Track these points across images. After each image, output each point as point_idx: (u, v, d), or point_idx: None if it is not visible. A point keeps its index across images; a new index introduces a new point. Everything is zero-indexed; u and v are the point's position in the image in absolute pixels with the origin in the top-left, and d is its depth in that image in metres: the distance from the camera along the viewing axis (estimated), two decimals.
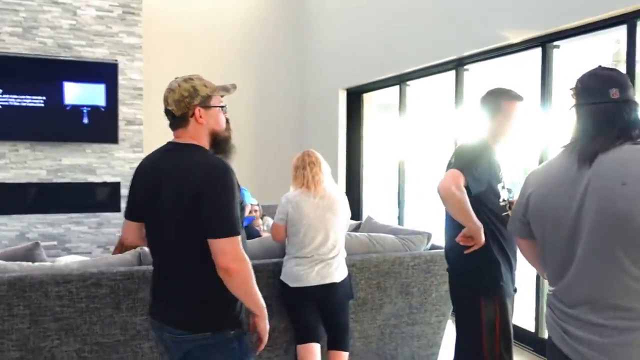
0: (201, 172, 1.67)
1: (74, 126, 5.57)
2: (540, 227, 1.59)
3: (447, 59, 4.31)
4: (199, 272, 1.71)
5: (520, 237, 1.74)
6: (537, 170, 1.67)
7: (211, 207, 1.65)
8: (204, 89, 1.79)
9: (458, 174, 2.06)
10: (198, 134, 1.79)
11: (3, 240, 5.51)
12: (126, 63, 5.88)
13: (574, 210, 1.47)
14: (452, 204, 2.06)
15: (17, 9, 5.49)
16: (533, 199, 1.60)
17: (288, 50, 7.03)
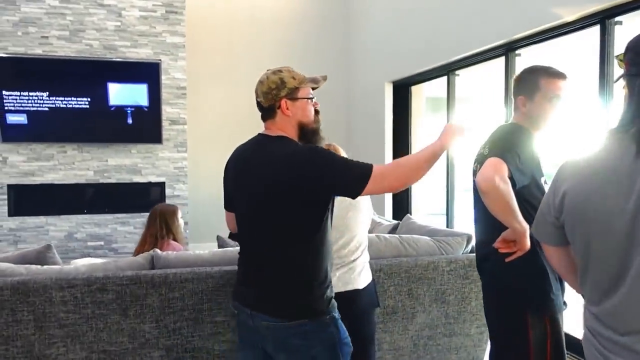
0: (297, 162, 1.70)
1: (118, 127, 5.60)
2: (582, 234, 1.28)
3: (495, 44, 3.94)
4: (291, 259, 1.76)
5: (550, 244, 1.43)
6: (574, 161, 1.34)
7: (329, 180, 1.69)
8: (291, 80, 1.80)
9: (501, 163, 1.68)
10: (285, 126, 1.82)
11: (52, 241, 5.61)
12: (170, 62, 5.85)
13: (630, 213, 1.16)
14: (496, 198, 1.65)
15: (64, 13, 5.57)
16: (570, 198, 1.29)
17: (333, 44, 6.80)
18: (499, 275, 1.95)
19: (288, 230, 1.78)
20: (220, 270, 2.48)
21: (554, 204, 1.35)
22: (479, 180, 1.65)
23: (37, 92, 5.33)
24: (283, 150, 1.76)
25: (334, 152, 1.77)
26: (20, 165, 5.52)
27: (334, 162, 1.71)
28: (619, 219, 1.19)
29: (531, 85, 1.96)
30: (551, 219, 1.38)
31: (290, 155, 1.74)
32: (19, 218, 5.55)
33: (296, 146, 1.78)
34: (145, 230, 3.37)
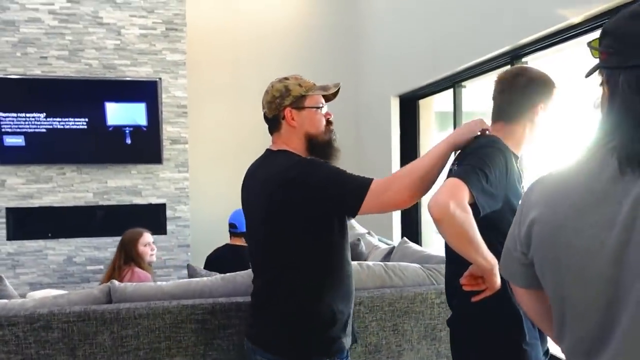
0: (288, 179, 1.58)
1: (117, 147, 5.45)
2: (553, 277, 1.00)
3: (500, 51, 3.64)
4: (288, 290, 1.63)
5: (519, 284, 1.14)
6: (544, 181, 1.06)
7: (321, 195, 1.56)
8: (297, 88, 1.69)
9: (460, 185, 1.37)
10: (291, 138, 1.70)
11: (51, 265, 5.48)
12: (170, 81, 5.70)
13: (612, 250, 0.88)
14: (452, 228, 1.35)
15: (64, 32, 5.49)
16: (539, 230, 1.01)
17: (340, 57, 6.57)
18: (467, 318, 1.64)
19: (284, 256, 1.65)
20: (179, 305, 2.25)
21: (520, 236, 1.07)
22: (431, 205, 1.35)
23: (34, 113, 5.23)
24: (278, 166, 1.64)
25: (331, 165, 1.64)
26: (18, 187, 5.42)
27: (328, 176, 1.58)
28: (599, 259, 0.90)
29: (544, 91, 1.65)
30: (517, 255, 1.09)
31: (283, 172, 1.61)
32: (17, 242, 5.43)
33: (291, 161, 1.64)
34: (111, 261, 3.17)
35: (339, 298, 1.66)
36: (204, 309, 2.25)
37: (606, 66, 0.97)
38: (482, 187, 1.41)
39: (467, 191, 1.36)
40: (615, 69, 0.95)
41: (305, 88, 1.70)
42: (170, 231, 5.72)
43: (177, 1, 5.73)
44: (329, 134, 1.75)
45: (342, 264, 1.69)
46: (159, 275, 5.51)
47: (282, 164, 1.63)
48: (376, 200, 1.52)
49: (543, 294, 1.10)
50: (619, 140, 0.93)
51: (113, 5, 5.58)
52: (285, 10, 6.49)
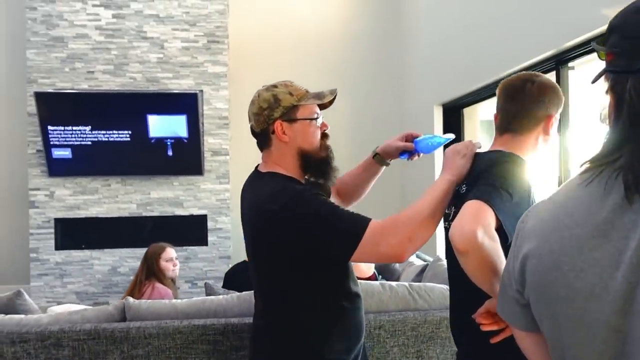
0: (266, 212, 1.41)
1: (159, 159, 5.51)
2: (550, 320, 0.85)
3: (545, 55, 3.41)
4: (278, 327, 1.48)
5: (517, 326, 0.98)
6: (540, 208, 0.91)
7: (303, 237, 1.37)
8: (287, 97, 1.49)
9: (484, 208, 1.19)
10: (282, 156, 1.51)
11: (97, 275, 5.58)
12: (211, 93, 5.73)
13: (619, 292, 0.73)
14: (477, 261, 1.16)
15: (109, 47, 5.62)
16: (533, 265, 0.86)
17: (385, 66, 6.43)
18: (476, 357, 1.44)
19: (272, 291, 1.51)
20: (190, 325, 2.17)
21: (514, 272, 0.92)
22: (454, 234, 1.17)
23: (80, 126, 5.36)
24: (263, 193, 1.46)
25: (323, 200, 1.41)
26: (66, 199, 5.57)
27: (316, 213, 1.36)
28: (602, 304, 0.75)
29: (557, 99, 1.47)
30: (512, 293, 0.94)
31: (266, 201, 1.43)
32: (65, 252, 5.57)
33: (276, 187, 1.44)
34: None
35: (336, 337, 1.47)
36: (216, 330, 2.17)
37: (612, 69, 0.81)
38: (507, 208, 1.22)
39: (493, 215, 1.19)
40: (622, 72, 0.79)
41: (297, 97, 1.50)
42: (211, 242, 5.73)
43: (219, 14, 5.76)
44: (325, 150, 1.54)
45: (339, 300, 1.50)
46: (199, 287, 5.52)
47: (266, 191, 1.45)
48: (371, 249, 1.32)
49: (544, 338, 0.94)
50: (625, 159, 0.77)
51: (157, 19, 5.67)
52: (327, 20, 6.41)
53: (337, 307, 1.49)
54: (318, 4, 6.38)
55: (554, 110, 1.45)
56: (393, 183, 6.14)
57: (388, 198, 5.76)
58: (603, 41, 0.83)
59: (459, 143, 1.52)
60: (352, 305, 1.53)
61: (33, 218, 5.49)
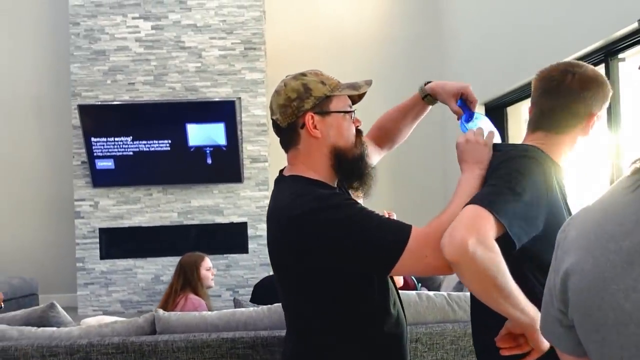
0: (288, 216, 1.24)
1: (199, 167, 5.54)
2: (599, 348, 0.73)
3: (592, 47, 3.22)
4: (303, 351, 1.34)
5: (562, 350, 0.85)
6: (583, 215, 0.79)
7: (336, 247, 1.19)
8: (319, 87, 1.29)
9: (482, 214, 1.06)
10: (312, 155, 1.30)
11: (140, 283, 5.65)
12: (249, 100, 5.72)
13: None
14: (471, 274, 1.04)
15: (149, 58, 5.70)
16: (576, 282, 0.74)
17: (425, 68, 6.25)
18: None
19: (296, 315, 1.36)
20: (219, 338, 2.10)
21: (555, 289, 0.80)
22: (444, 243, 1.06)
23: (122, 137, 5.45)
24: (285, 198, 1.29)
25: (356, 205, 1.23)
26: (110, 209, 5.67)
27: (349, 219, 1.19)
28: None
29: (603, 95, 1.27)
30: (555, 312, 0.81)
31: (288, 207, 1.25)
32: (110, 261, 5.66)
33: (293, 193, 1.26)
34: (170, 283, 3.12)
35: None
36: (245, 343, 2.09)
37: None
38: (514, 211, 1.08)
39: (493, 221, 1.05)
40: None
41: (330, 87, 1.30)
42: (251, 250, 5.70)
43: (255, 21, 5.76)
44: (360, 147, 1.34)
45: (374, 330, 1.31)
46: (240, 295, 5.49)
47: (286, 196, 1.27)
48: (417, 261, 1.15)
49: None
50: None
51: (194, 29, 5.71)
52: (363, 22, 6.31)
53: (374, 340, 1.31)
54: (353, 7, 6.29)
55: (597, 108, 1.25)
56: (433, 180, 5.97)
57: (428, 197, 5.60)
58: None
59: (470, 131, 1.36)
60: (399, 334, 1.35)
61: (79, 228, 5.61)
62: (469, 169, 1.27)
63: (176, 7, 5.68)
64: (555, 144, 1.27)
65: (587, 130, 1.27)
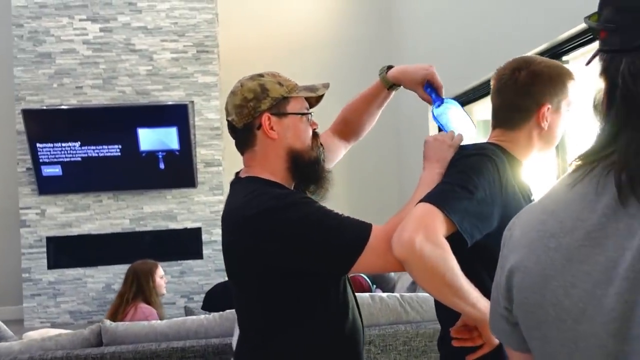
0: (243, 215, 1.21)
1: (151, 172, 5.42)
2: (540, 344, 0.73)
3: (538, 49, 3.30)
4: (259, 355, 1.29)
5: (509, 346, 0.85)
6: (527, 213, 0.80)
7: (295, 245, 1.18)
8: (276, 88, 1.29)
9: (432, 212, 1.06)
10: (268, 156, 1.29)
11: (90, 293, 5.47)
12: (202, 103, 5.64)
13: (614, 311, 0.62)
14: (420, 271, 1.05)
15: (97, 61, 5.54)
16: (520, 280, 0.74)
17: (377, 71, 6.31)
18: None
19: (251, 319, 1.32)
20: (168, 348, 2.05)
21: (501, 287, 0.80)
22: (393, 240, 1.06)
23: (70, 142, 5.27)
24: (239, 199, 1.26)
25: (314, 203, 1.23)
26: (57, 217, 5.47)
27: (307, 217, 1.18)
28: (595, 327, 0.63)
29: (560, 86, 1.27)
30: (501, 310, 0.81)
31: (242, 207, 1.23)
32: (58, 270, 5.47)
33: (248, 194, 1.24)
34: (118, 292, 3.03)
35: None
36: (196, 352, 2.05)
37: (605, 49, 0.70)
38: (466, 208, 1.09)
39: (442, 218, 1.06)
40: (616, 52, 0.68)
41: (287, 88, 1.30)
42: (206, 255, 5.61)
43: (207, 23, 5.68)
44: (317, 150, 1.34)
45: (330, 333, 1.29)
46: (195, 302, 5.39)
47: (241, 197, 1.25)
48: (377, 259, 1.14)
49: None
50: (619, 153, 0.65)
51: (145, 31, 5.59)
52: (318, 23, 6.32)
53: (332, 340, 1.29)
54: (307, 9, 6.29)
55: (547, 100, 1.26)
56: (389, 180, 6.02)
57: (385, 196, 5.64)
58: (595, 18, 0.72)
59: (441, 132, 1.37)
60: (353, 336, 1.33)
61: (24, 237, 5.39)
62: (430, 166, 1.28)
63: (125, 9, 5.54)
64: (511, 140, 1.29)
65: (540, 124, 1.27)
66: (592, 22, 0.73)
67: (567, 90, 1.28)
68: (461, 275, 1.06)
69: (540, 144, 1.30)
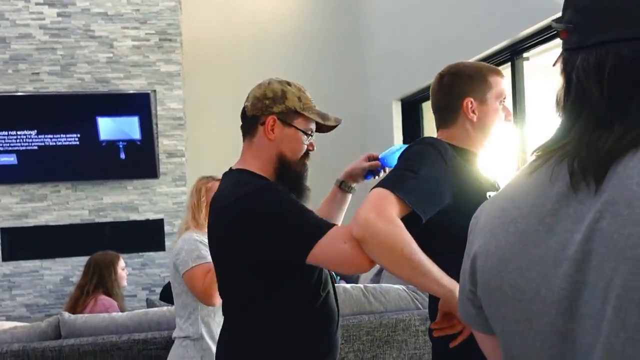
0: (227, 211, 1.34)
1: (111, 163, 5.30)
2: (500, 325, 0.77)
3: (499, 46, 3.37)
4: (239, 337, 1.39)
5: (475, 328, 0.89)
6: (490, 203, 0.84)
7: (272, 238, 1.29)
8: (294, 101, 1.41)
9: (383, 193, 1.14)
10: (261, 151, 1.42)
11: (48, 286, 5.33)
12: (165, 93, 5.53)
13: (563, 292, 0.66)
14: (377, 248, 1.12)
15: (55, 47, 5.37)
16: (482, 264, 0.78)
17: (342, 64, 6.33)
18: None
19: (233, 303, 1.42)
20: (130, 340, 2.02)
21: (466, 271, 0.84)
22: (352, 223, 1.14)
23: (25, 130, 5.10)
24: (223, 191, 1.40)
25: (288, 197, 1.34)
26: (13, 207, 5.30)
27: (273, 208, 1.29)
28: (547, 306, 0.68)
29: (479, 81, 1.40)
30: (467, 294, 0.85)
31: (221, 198, 1.38)
32: (13, 263, 5.30)
33: (234, 183, 1.36)
34: (78, 284, 2.96)
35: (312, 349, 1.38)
36: (158, 344, 2.02)
37: (567, 47, 0.74)
38: (413, 186, 1.17)
39: (394, 199, 1.13)
40: (574, 50, 0.72)
41: (304, 105, 1.42)
42: (168, 247, 5.52)
43: (170, 11, 5.57)
44: (302, 167, 1.47)
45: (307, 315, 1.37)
46: (156, 294, 5.32)
47: (227, 186, 1.39)
48: (331, 255, 1.22)
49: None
50: (572, 144, 0.70)
51: (105, 17, 5.45)
52: (285, 16, 6.28)
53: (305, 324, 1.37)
54: (273, 1, 6.24)
55: (468, 94, 1.38)
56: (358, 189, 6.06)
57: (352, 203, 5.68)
58: (561, 17, 0.76)
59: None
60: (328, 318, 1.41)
61: None
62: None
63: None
64: (452, 136, 1.40)
65: (468, 117, 1.38)
66: (557, 24, 0.77)
67: (489, 83, 1.39)
68: (419, 251, 1.12)
69: (478, 134, 1.40)
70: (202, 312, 1.91)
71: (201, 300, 1.87)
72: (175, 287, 1.98)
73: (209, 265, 1.84)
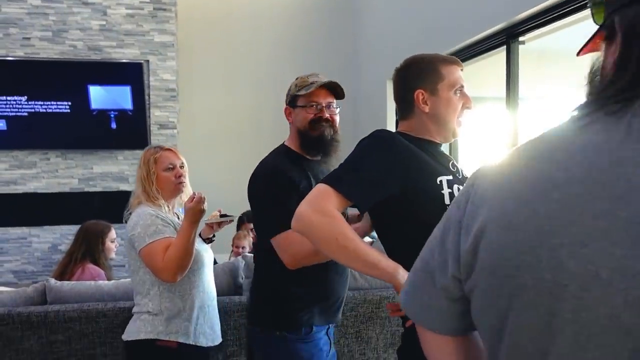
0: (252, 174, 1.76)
1: (102, 132, 5.26)
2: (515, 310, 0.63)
3: (495, 28, 3.36)
4: (260, 269, 1.80)
5: (438, 330, 0.76)
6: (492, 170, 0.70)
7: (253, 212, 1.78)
8: (293, 89, 1.79)
9: (323, 189, 1.22)
10: (291, 131, 1.81)
11: (36, 253, 5.33)
12: (158, 63, 5.47)
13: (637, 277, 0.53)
14: (315, 239, 1.19)
15: (47, 12, 5.28)
16: (497, 238, 0.64)
17: (338, 40, 6.28)
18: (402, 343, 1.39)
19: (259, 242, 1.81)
20: (115, 308, 2.03)
21: (454, 251, 0.70)
22: (292, 220, 1.23)
23: (15, 96, 5.04)
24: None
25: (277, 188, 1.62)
26: (1, 173, 5.26)
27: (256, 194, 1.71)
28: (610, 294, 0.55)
29: (430, 72, 1.40)
30: (442, 283, 0.72)
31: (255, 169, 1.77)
32: (1, 229, 5.28)
33: (261, 163, 1.76)
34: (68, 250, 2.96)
35: (291, 281, 1.67)
36: None
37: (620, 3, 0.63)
38: (351, 180, 1.23)
39: (333, 194, 1.21)
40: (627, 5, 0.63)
41: (299, 87, 1.76)
42: None
43: None
44: (315, 130, 1.75)
45: None
46: None
47: (264, 158, 1.78)
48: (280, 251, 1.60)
49: (470, 342, 0.77)
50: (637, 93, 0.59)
51: None
52: None
53: None
54: None
55: (419, 85, 1.40)
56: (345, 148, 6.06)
57: None
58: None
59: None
60: None
61: None
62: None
63: None
64: (410, 128, 1.43)
65: (421, 108, 1.40)
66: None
67: (441, 74, 1.39)
68: (356, 239, 1.17)
69: (434, 124, 1.41)
70: (161, 287, 1.84)
71: (161, 277, 1.79)
72: (132, 264, 1.89)
73: (168, 240, 1.81)
